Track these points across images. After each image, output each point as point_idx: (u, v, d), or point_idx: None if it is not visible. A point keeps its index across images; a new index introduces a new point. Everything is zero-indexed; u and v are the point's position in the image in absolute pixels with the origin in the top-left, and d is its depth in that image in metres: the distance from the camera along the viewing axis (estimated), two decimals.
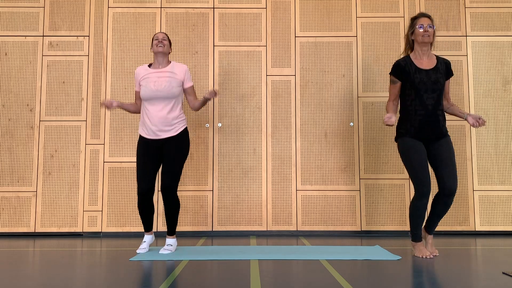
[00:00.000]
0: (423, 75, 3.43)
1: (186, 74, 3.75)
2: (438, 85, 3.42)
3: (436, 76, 3.44)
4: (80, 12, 4.92)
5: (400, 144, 3.50)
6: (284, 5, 4.94)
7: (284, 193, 4.75)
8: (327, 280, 2.63)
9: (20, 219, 4.69)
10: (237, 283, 2.56)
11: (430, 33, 3.46)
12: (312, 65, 4.88)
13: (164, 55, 3.74)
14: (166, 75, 3.68)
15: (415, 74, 3.44)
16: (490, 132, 4.81)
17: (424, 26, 3.45)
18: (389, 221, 4.72)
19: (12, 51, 4.86)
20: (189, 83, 3.77)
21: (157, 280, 2.71)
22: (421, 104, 3.40)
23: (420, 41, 3.47)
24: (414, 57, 3.53)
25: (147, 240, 3.72)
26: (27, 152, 4.76)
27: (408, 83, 3.46)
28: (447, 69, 3.52)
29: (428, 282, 2.69)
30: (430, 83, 3.41)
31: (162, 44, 3.70)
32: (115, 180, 4.73)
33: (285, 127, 4.82)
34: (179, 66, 3.76)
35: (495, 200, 4.73)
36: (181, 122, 3.70)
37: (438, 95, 3.42)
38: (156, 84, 3.64)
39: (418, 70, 3.45)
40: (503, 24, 4.92)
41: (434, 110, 3.40)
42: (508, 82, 4.86)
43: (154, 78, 3.67)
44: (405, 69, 3.48)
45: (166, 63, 3.77)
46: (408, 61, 3.50)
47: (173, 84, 3.66)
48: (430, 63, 3.50)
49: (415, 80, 3.42)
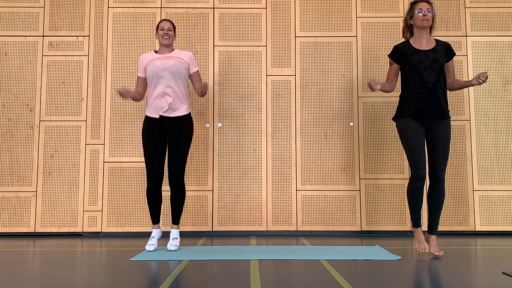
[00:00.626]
0: (421, 55, 3.47)
1: (192, 60, 3.89)
2: (437, 63, 3.45)
3: (435, 56, 3.47)
4: (80, 12, 4.92)
5: (399, 125, 3.54)
6: (284, 5, 4.94)
7: (284, 193, 4.75)
8: (327, 280, 2.63)
9: (20, 219, 4.69)
10: (237, 283, 2.56)
11: (429, 17, 3.49)
12: (312, 65, 4.88)
13: (169, 46, 3.88)
14: (173, 58, 3.83)
15: (413, 55, 3.49)
16: (490, 132, 4.81)
17: (423, 10, 3.48)
18: (389, 221, 4.72)
19: (12, 51, 4.86)
20: (194, 68, 3.90)
21: (157, 280, 2.71)
22: (421, 82, 3.44)
23: (419, 26, 3.50)
24: (413, 41, 3.57)
25: (155, 236, 3.75)
26: (27, 152, 4.76)
27: (407, 64, 3.51)
28: (447, 50, 3.54)
29: (428, 282, 2.69)
30: (428, 62, 3.45)
31: (168, 35, 3.84)
32: (115, 180, 4.73)
33: (285, 127, 4.82)
34: (184, 52, 3.91)
35: (495, 200, 4.73)
36: (185, 105, 3.80)
37: (438, 73, 3.45)
38: (162, 63, 3.77)
39: (416, 51, 3.49)
40: (503, 24, 4.92)
41: (434, 88, 3.43)
42: (508, 82, 4.86)
43: (161, 59, 3.81)
44: (403, 52, 3.53)
45: (171, 50, 3.91)
46: (407, 45, 3.56)
47: (180, 64, 3.79)
48: (429, 45, 3.53)
49: (413, 60, 3.47)
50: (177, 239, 3.75)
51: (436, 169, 3.45)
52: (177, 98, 3.75)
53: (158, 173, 3.72)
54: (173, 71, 3.74)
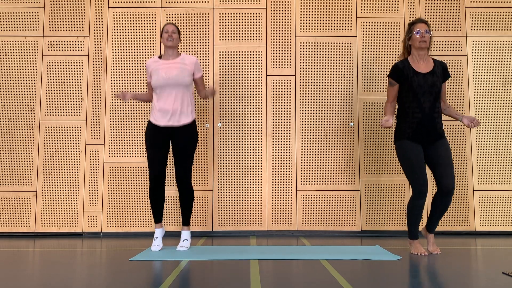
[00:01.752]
0: (420, 78, 3.49)
1: (196, 65, 3.87)
2: (435, 88, 3.49)
3: (433, 80, 3.50)
4: (80, 12, 4.92)
5: (397, 147, 3.56)
6: (284, 5, 4.94)
7: (284, 193, 4.75)
8: (327, 280, 2.63)
9: (20, 219, 4.69)
10: (237, 283, 2.56)
11: (427, 39, 3.53)
12: (312, 65, 4.88)
13: (174, 48, 3.85)
14: (177, 66, 3.80)
15: (413, 77, 3.50)
16: (490, 132, 4.81)
17: (421, 31, 3.52)
18: (389, 221, 4.72)
19: (12, 51, 4.86)
20: (198, 74, 3.89)
21: (157, 280, 2.71)
22: (418, 106, 3.47)
23: (417, 47, 3.54)
24: (411, 60, 3.59)
25: (159, 235, 3.77)
26: (27, 152, 4.76)
27: (406, 86, 3.52)
28: (443, 71, 3.59)
29: (428, 282, 2.69)
30: (427, 86, 3.48)
31: (171, 38, 3.81)
32: (115, 180, 4.73)
33: (285, 127, 4.82)
34: (189, 58, 3.88)
35: (495, 200, 4.73)
36: (190, 113, 3.80)
37: (435, 98, 3.49)
38: (167, 72, 3.75)
39: (415, 73, 3.51)
40: (503, 24, 4.91)
41: (431, 112, 3.47)
42: (508, 82, 4.86)
43: (165, 68, 3.78)
44: (403, 72, 3.54)
45: (176, 54, 3.87)
46: (407, 64, 3.56)
47: (185, 73, 3.78)
48: (427, 66, 3.56)
49: (413, 84, 3.48)
50: (187, 240, 3.78)
51: (447, 182, 3.42)
52: (181, 108, 3.74)
53: (160, 175, 3.74)
54: (177, 81, 3.73)
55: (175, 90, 3.73)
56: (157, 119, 3.74)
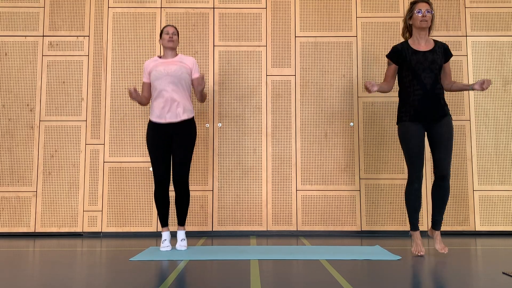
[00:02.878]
0: (419, 56, 3.47)
1: (195, 66, 3.91)
2: (435, 65, 3.46)
3: (433, 57, 3.47)
4: (80, 12, 4.92)
5: (399, 129, 3.54)
6: (284, 5, 4.94)
7: (284, 193, 4.75)
8: (327, 280, 2.63)
9: (20, 219, 4.69)
10: (237, 283, 2.56)
11: (428, 18, 3.48)
12: (312, 65, 4.88)
13: (174, 50, 3.90)
14: (176, 63, 3.84)
15: (411, 56, 3.48)
16: (490, 132, 4.81)
17: (422, 11, 3.48)
18: (389, 221, 4.72)
19: (12, 51, 4.86)
20: (196, 74, 3.90)
21: (157, 280, 2.71)
22: (419, 83, 3.44)
23: (418, 26, 3.50)
24: (412, 42, 3.57)
25: (167, 238, 3.78)
26: (27, 152, 4.76)
27: (405, 65, 3.51)
28: (445, 51, 3.55)
29: (428, 282, 2.69)
30: (427, 63, 3.45)
31: (172, 40, 3.85)
32: (115, 180, 4.73)
33: (285, 127, 4.81)
34: (188, 58, 3.93)
35: (495, 200, 4.73)
36: (189, 110, 3.82)
37: (436, 74, 3.46)
38: (166, 68, 3.79)
39: (414, 52, 3.49)
40: (503, 24, 4.91)
41: (433, 89, 3.44)
42: (508, 82, 4.86)
43: (164, 65, 3.83)
44: (402, 53, 3.52)
45: (174, 55, 3.93)
46: (405, 45, 3.55)
47: (183, 69, 3.81)
48: (428, 46, 3.53)
49: (411, 62, 3.47)
50: (184, 240, 3.80)
51: (441, 165, 3.42)
52: (180, 103, 3.76)
53: (165, 177, 3.76)
54: (176, 76, 3.76)
55: (173, 82, 3.75)
56: (157, 115, 3.75)
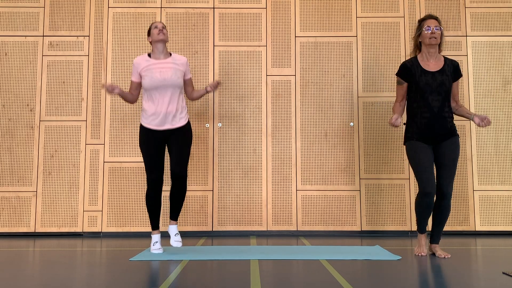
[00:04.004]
0: (428, 77, 3.41)
1: (187, 66, 3.81)
2: (443, 87, 3.40)
3: (442, 78, 3.41)
4: (80, 12, 4.92)
5: (407, 148, 3.51)
6: (284, 5, 4.94)
7: (284, 193, 4.75)
8: (327, 280, 2.63)
9: (20, 219, 4.69)
10: (237, 283, 2.56)
11: (437, 35, 3.43)
12: (312, 65, 4.88)
13: (164, 44, 3.72)
14: (170, 66, 3.68)
15: (420, 76, 3.42)
16: (490, 132, 4.81)
17: (431, 28, 3.42)
18: (389, 221, 4.72)
19: (12, 51, 4.86)
20: (189, 75, 3.83)
21: (157, 280, 2.71)
22: (426, 106, 3.39)
23: (427, 43, 3.44)
24: (421, 59, 3.50)
25: (158, 240, 3.65)
26: (27, 152, 4.76)
27: (413, 85, 3.45)
28: (454, 70, 3.48)
29: (428, 282, 2.69)
30: (435, 85, 3.39)
31: (162, 32, 3.69)
32: (115, 180, 4.73)
33: (285, 127, 4.82)
34: (180, 58, 3.79)
35: (495, 200, 4.73)
36: (185, 114, 3.73)
37: (444, 97, 3.40)
38: (162, 74, 3.63)
39: (424, 72, 3.43)
40: (503, 24, 4.91)
41: (440, 112, 3.39)
42: (508, 82, 4.86)
43: (159, 69, 3.66)
44: (411, 71, 3.46)
45: (166, 53, 3.75)
46: (415, 63, 3.48)
47: (178, 74, 3.69)
48: (437, 65, 3.46)
49: (420, 83, 3.41)
50: (178, 234, 3.68)
51: (442, 184, 3.40)
52: (176, 110, 3.65)
53: (158, 179, 3.64)
54: (172, 82, 3.63)
55: (170, 91, 3.63)
56: (151, 123, 3.63)
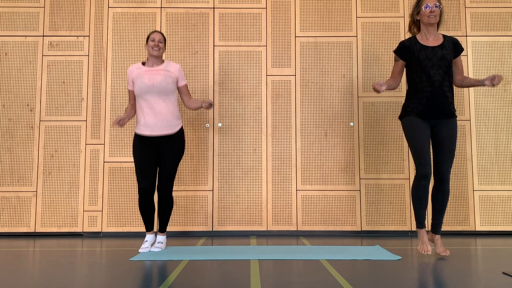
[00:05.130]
0: (428, 51, 3.38)
1: (180, 73, 3.80)
2: (445, 61, 3.36)
3: (443, 52, 3.37)
4: (80, 12, 4.92)
5: (404, 123, 3.45)
6: (284, 5, 4.94)
7: (284, 193, 4.75)
8: (327, 280, 2.63)
9: (20, 219, 4.69)
10: (237, 283, 2.56)
11: (437, 13, 3.39)
12: (312, 65, 4.88)
13: (158, 58, 3.78)
14: (160, 72, 3.72)
15: (420, 52, 3.39)
16: (490, 132, 4.81)
17: (430, 5, 3.38)
18: (389, 221, 4.72)
19: (12, 51, 4.86)
20: (182, 82, 3.82)
21: (157, 280, 2.71)
22: (428, 80, 3.35)
23: (426, 22, 3.40)
24: (420, 37, 3.48)
25: (149, 240, 3.78)
26: (27, 152, 4.76)
27: (413, 61, 3.42)
28: (455, 46, 3.45)
29: (428, 282, 2.69)
30: (436, 59, 3.36)
31: (157, 47, 3.73)
32: (115, 180, 4.73)
33: (285, 127, 4.82)
34: (173, 65, 3.80)
35: (495, 200, 4.73)
36: (177, 121, 3.74)
37: (445, 71, 3.36)
38: (150, 80, 3.66)
39: (423, 47, 3.40)
40: (503, 24, 4.92)
41: (441, 86, 3.35)
42: (508, 82, 4.86)
43: (149, 75, 3.69)
44: (410, 49, 3.43)
45: (160, 61, 3.80)
46: (413, 41, 3.46)
47: (168, 80, 3.70)
48: (437, 41, 3.44)
49: (420, 57, 3.37)
50: (162, 243, 3.78)
51: (441, 169, 3.37)
52: (167, 116, 3.66)
53: (149, 188, 3.66)
54: (162, 88, 3.64)
55: (159, 98, 3.65)
56: (141, 129, 3.68)
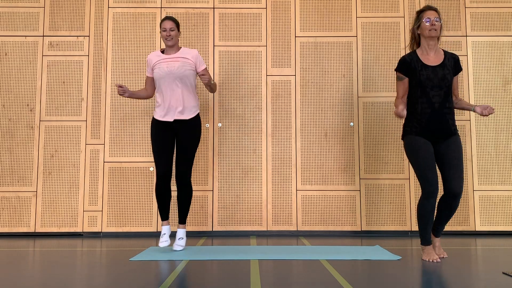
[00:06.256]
0: (429, 71, 3.31)
1: (198, 58, 3.84)
2: (445, 81, 3.30)
3: (443, 73, 3.31)
4: (80, 12, 4.92)
5: (406, 143, 3.38)
6: (284, 5, 4.94)
7: (284, 193, 4.75)
8: (327, 280, 2.63)
9: (20, 219, 4.69)
10: (237, 283, 2.56)
11: (437, 27, 3.33)
12: (312, 65, 4.88)
13: (174, 46, 3.83)
14: (178, 59, 3.79)
15: (421, 71, 3.32)
16: (490, 132, 4.81)
17: (431, 19, 3.32)
18: (389, 221, 4.72)
19: (12, 51, 4.86)
20: (202, 66, 3.85)
21: (157, 280, 2.71)
22: (428, 101, 3.29)
23: (427, 36, 3.34)
24: (420, 52, 3.40)
25: (166, 232, 3.75)
26: (27, 152, 4.76)
27: (414, 80, 3.35)
28: (455, 64, 3.39)
29: (428, 282, 2.69)
30: (437, 80, 3.29)
31: (170, 36, 3.78)
32: (115, 180, 4.73)
33: (285, 127, 4.82)
34: (190, 52, 3.85)
35: (495, 200, 4.73)
36: (194, 107, 3.80)
37: (445, 92, 3.30)
38: (169, 66, 3.75)
39: (424, 67, 3.32)
40: (503, 24, 4.91)
41: (441, 108, 3.28)
42: (508, 82, 4.86)
43: (167, 62, 3.77)
44: (411, 65, 3.36)
45: (177, 48, 3.86)
46: (414, 57, 3.37)
47: (186, 66, 3.76)
48: (437, 59, 3.37)
49: (421, 77, 3.30)
50: (183, 239, 3.75)
51: (454, 185, 3.25)
52: (185, 101, 3.74)
53: (167, 171, 3.72)
54: (179, 74, 3.72)
55: (177, 84, 3.73)
56: (159, 114, 3.76)
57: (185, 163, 3.74)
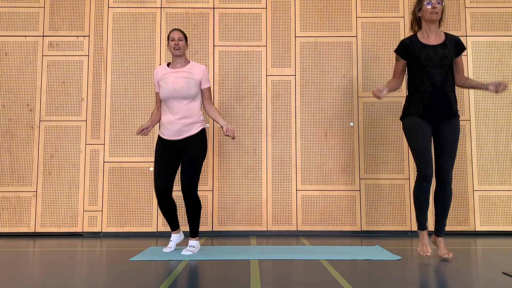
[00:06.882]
0: (429, 50, 3.31)
1: (204, 75, 3.70)
2: (446, 60, 3.29)
3: (444, 51, 3.31)
4: (80, 12, 4.92)
5: (405, 124, 3.38)
6: (284, 5, 4.94)
7: (284, 193, 4.75)
8: (327, 280, 2.63)
9: (20, 219, 4.69)
10: (237, 283, 2.56)
11: (439, 10, 3.33)
12: (312, 65, 4.88)
13: (181, 56, 3.71)
14: (184, 75, 3.65)
15: (420, 51, 3.32)
16: (490, 132, 4.81)
17: (432, 2, 3.32)
18: (389, 221, 4.72)
19: (12, 51, 4.86)
20: (206, 84, 3.71)
21: (157, 280, 2.71)
22: (428, 80, 3.28)
23: (428, 19, 3.34)
24: (421, 35, 3.40)
25: (173, 239, 3.73)
26: (27, 152, 4.76)
27: (414, 60, 3.36)
28: (456, 44, 3.38)
29: (428, 282, 2.69)
30: (437, 59, 3.29)
31: (178, 46, 3.65)
32: (115, 180, 4.73)
33: (285, 127, 4.82)
34: (198, 67, 3.72)
35: (495, 200, 4.73)
36: (199, 123, 3.67)
37: (446, 71, 3.30)
38: (173, 84, 3.62)
39: (424, 46, 3.33)
40: (503, 24, 4.92)
41: (442, 86, 3.28)
42: (508, 82, 4.86)
43: (172, 78, 3.65)
44: (410, 48, 3.37)
45: (184, 62, 3.73)
46: (414, 39, 3.39)
47: (191, 84, 3.63)
48: (438, 39, 3.37)
49: (420, 57, 3.31)
50: (194, 247, 3.62)
51: (443, 170, 3.31)
52: (189, 119, 3.62)
53: (162, 189, 3.60)
54: (183, 93, 3.61)
55: (181, 102, 3.62)
56: (164, 133, 3.66)
57: (189, 176, 3.58)
